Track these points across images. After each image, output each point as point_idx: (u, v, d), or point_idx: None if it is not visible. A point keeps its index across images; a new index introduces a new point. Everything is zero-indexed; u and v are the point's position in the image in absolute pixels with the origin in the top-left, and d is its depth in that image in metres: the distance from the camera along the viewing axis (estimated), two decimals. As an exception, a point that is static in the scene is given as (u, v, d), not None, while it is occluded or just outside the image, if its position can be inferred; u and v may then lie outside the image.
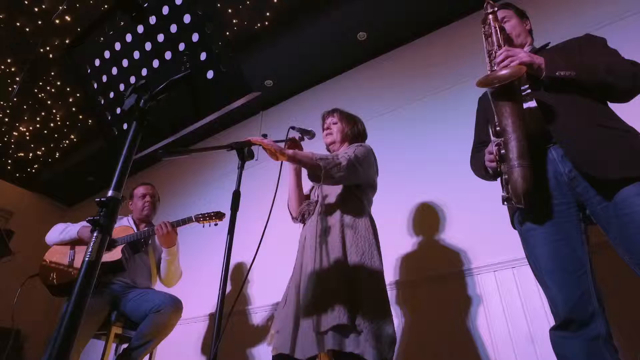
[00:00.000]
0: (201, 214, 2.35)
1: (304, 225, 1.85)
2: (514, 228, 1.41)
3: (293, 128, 1.80)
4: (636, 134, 1.22)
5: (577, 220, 1.25)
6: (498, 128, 1.23)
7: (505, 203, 1.26)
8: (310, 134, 1.84)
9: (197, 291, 3.15)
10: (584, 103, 1.26)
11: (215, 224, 2.36)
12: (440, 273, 2.30)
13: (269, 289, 2.94)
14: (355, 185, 1.76)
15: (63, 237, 2.40)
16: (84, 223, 2.45)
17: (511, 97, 1.22)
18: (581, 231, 1.24)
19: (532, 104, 1.33)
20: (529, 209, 1.21)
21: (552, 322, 1.23)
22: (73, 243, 2.42)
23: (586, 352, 1.12)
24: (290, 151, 1.60)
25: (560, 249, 1.22)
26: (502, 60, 1.28)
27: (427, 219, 2.54)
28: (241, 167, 1.46)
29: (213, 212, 2.35)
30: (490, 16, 1.44)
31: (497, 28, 1.41)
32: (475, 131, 1.63)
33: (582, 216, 1.26)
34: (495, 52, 1.36)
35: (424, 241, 2.48)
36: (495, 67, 1.32)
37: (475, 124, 1.64)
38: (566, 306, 1.16)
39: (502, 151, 1.21)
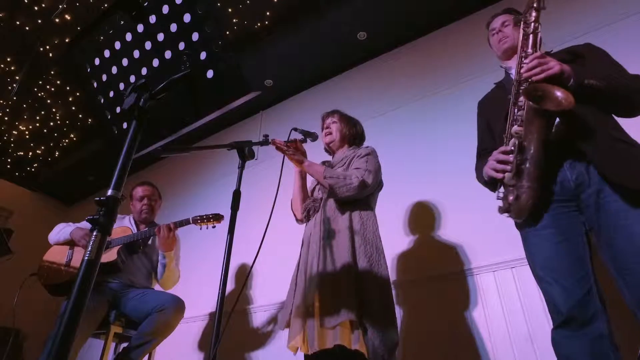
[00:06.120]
0: (199, 216, 2.31)
1: (308, 221, 1.85)
2: (517, 228, 1.41)
3: (296, 129, 1.81)
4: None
5: (579, 222, 1.26)
6: (525, 143, 1.23)
7: (503, 213, 1.28)
8: (313, 137, 1.84)
9: (197, 291, 3.15)
10: (600, 115, 1.27)
11: (213, 227, 2.30)
12: (440, 273, 2.30)
13: (269, 289, 2.94)
14: None
15: (59, 238, 2.41)
16: (85, 223, 2.45)
17: (546, 118, 1.21)
18: (583, 232, 1.25)
19: None
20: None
21: (552, 323, 1.23)
22: (71, 243, 2.41)
23: (590, 352, 1.12)
24: (306, 163, 1.76)
25: (562, 250, 1.23)
26: (533, 67, 1.25)
27: (426, 218, 2.53)
28: (242, 167, 1.46)
29: (211, 214, 2.30)
30: (534, 13, 1.33)
31: (537, 28, 1.33)
32: (478, 138, 1.63)
33: (585, 218, 1.27)
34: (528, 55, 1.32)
35: (424, 241, 2.48)
36: (523, 67, 1.29)
37: (478, 130, 1.64)
38: (567, 305, 1.17)
39: (521, 166, 1.23)
